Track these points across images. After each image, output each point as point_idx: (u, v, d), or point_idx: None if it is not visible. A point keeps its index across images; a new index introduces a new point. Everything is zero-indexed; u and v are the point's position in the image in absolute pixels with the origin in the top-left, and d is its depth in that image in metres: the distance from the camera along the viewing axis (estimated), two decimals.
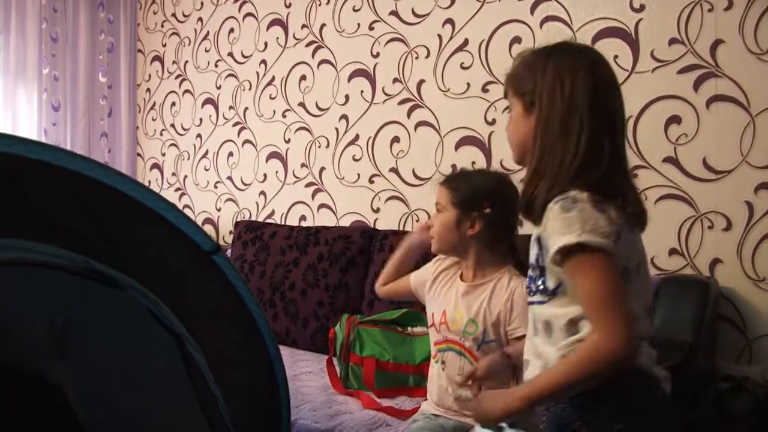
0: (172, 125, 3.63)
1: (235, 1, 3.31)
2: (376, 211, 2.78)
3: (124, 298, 1.33)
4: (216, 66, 3.41)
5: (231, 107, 3.33)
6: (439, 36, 2.60)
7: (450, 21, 2.57)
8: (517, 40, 2.40)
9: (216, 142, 3.40)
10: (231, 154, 3.34)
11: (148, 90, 3.76)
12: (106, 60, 3.69)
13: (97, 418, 1.49)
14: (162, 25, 3.69)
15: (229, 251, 2.96)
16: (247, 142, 3.27)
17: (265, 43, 3.19)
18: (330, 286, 2.54)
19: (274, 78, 3.15)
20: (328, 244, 2.62)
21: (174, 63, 3.62)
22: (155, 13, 3.72)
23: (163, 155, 3.68)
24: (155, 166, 3.72)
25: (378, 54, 2.78)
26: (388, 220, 2.74)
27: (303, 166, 3.03)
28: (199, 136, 3.49)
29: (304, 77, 3.03)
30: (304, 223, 3.00)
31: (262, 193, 3.20)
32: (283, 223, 3.05)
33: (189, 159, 3.54)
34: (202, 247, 1.44)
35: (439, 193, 1.62)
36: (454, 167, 2.45)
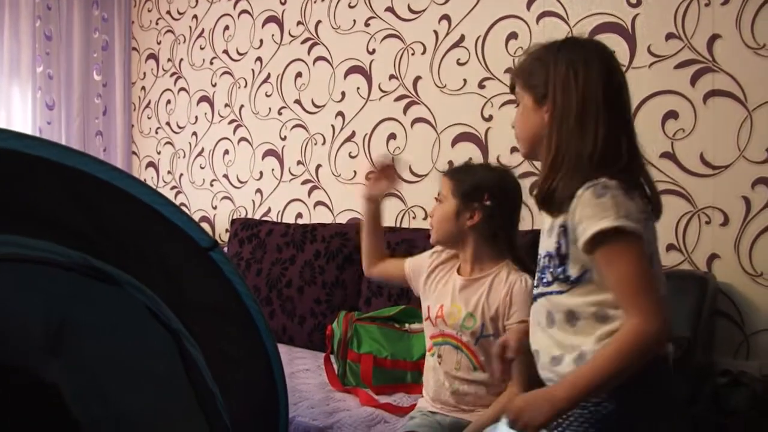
0: (168, 123, 3.61)
1: None
2: None
3: (121, 295, 1.33)
4: (211, 63, 3.40)
5: (226, 105, 3.32)
6: (435, 32, 2.59)
7: (446, 17, 2.56)
8: (513, 35, 2.40)
9: (212, 139, 3.39)
10: (227, 152, 3.33)
11: (143, 88, 3.74)
12: (100, 58, 3.67)
13: (95, 416, 1.48)
14: (157, 23, 3.67)
15: (225, 249, 2.95)
16: (242, 139, 3.26)
17: (261, 41, 3.18)
18: (327, 283, 2.54)
19: (269, 75, 3.14)
20: (324, 242, 2.61)
21: (169, 61, 3.61)
22: (150, 10, 3.71)
23: (159, 153, 3.67)
24: (151, 164, 3.71)
25: (374, 50, 2.78)
26: (385, 216, 2.72)
27: (299, 163, 3.02)
28: (194, 134, 3.48)
29: (299, 74, 3.02)
30: (300, 221, 3.00)
31: (259, 190, 3.19)
32: (279, 221, 3.04)
33: (185, 157, 3.53)
34: (200, 243, 1.43)
35: (441, 184, 1.63)
36: (450, 164, 2.45)
